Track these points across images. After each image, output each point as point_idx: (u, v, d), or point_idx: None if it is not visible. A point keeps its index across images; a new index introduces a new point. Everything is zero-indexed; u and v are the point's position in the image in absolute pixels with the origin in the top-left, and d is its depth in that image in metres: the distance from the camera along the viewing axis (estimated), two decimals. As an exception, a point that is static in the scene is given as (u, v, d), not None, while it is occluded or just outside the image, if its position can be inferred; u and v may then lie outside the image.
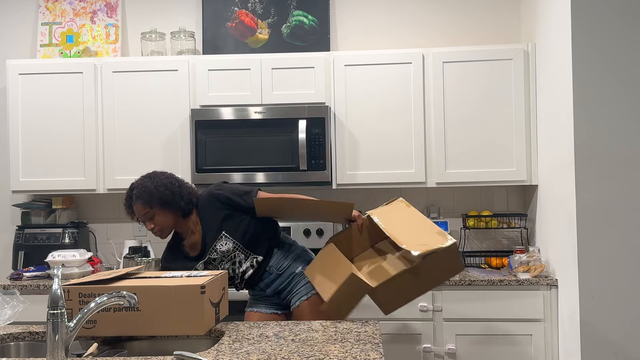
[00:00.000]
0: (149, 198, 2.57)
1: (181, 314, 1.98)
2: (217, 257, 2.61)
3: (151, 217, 2.58)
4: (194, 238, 2.64)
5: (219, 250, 2.60)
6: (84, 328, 1.97)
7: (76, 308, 1.99)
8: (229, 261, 2.62)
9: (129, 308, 1.97)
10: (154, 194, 2.58)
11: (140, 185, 2.61)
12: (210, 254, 2.61)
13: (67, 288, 2.01)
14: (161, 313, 1.98)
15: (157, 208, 2.57)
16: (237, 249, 2.60)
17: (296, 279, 2.64)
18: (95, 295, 1.95)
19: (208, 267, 2.63)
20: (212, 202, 2.63)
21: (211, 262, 2.63)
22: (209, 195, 2.64)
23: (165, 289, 1.99)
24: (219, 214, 2.61)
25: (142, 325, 1.99)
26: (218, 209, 2.61)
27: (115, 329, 2.00)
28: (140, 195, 2.58)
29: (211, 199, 2.63)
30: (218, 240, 2.60)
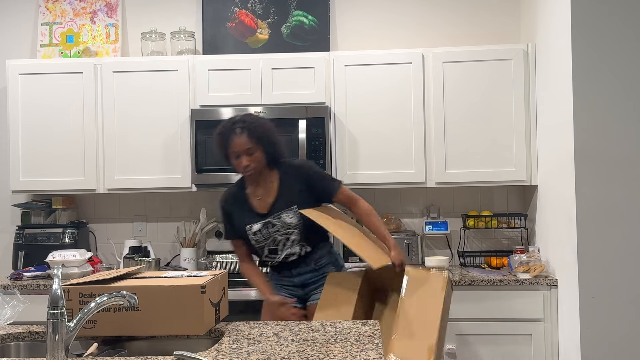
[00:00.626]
0: (260, 133, 2.59)
1: (181, 314, 1.98)
2: (277, 225, 2.62)
3: (252, 153, 2.58)
4: (266, 195, 2.65)
5: (284, 220, 2.61)
6: (84, 328, 1.96)
7: (76, 308, 1.99)
8: (284, 234, 2.63)
9: (129, 308, 1.97)
10: (265, 131, 2.61)
11: (250, 119, 2.62)
12: (274, 218, 2.62)
13: (67, 288, 2.01)
14: (161, 313, 1.98)
15: (261, 145, 2.59)
16: (298, 227, 2.62)
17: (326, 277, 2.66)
18: (95, 295, 1.95)
19: (263, 230, 2.63)
20: (298, 171, 2.67)
21: (270, 225, 2.63)
22: (299, 163, 2.74)
23: (165, 289, 1.99)
24: (298, 186, 2.64)
25: (142, 325, 1.99)
26: (299, 181, 2.64)
27: (115, 329, 2.00)
28: (251, 128, 2.58)
29: (299, 167, 2.69)
30: (288, 210, 2.61)
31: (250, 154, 2.58)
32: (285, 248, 2.65)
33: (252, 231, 2.65)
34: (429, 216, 3.81)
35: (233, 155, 2.61)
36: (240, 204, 2.70)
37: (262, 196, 2.66)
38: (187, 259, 3.72)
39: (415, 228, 3.85)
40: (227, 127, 2.62)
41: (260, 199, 2.67)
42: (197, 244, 3.80)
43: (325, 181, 2.71)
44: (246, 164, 2.58)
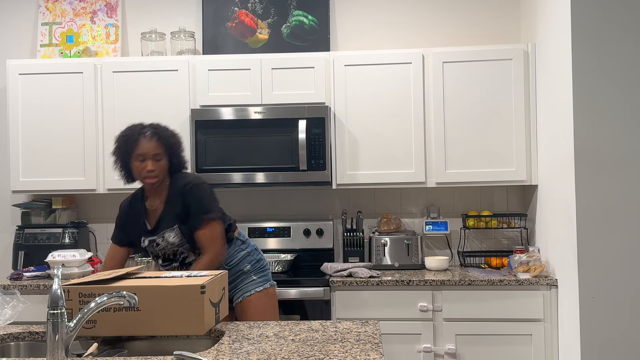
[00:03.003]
0: (170, 142, 2.58)
1: (181, 314, 1.98)
2: (161, 244, 2.60)
3: (159, 159, 2.56)
4: (157, 208, 2.62)
5: (167, 239, 2.58)
6: (84, 328, 1.97)
7: (76, 308, 1.99)
8: (171, 250, 2.61)
9: (129, 308, 1.97)
10: (175, 142, 2.60)
11: (161, 127, 2.61)
12: (159, 237, 2.59)
13: (67, 288, 2.01)
14: (161, 313, 1.98)
15: (168, 154, 2.57)
16: (182, 244, 2.59)
17: (242, 276, 2.67)
18: (95, 295, 1.95)
19: (149, 247, 2.61)
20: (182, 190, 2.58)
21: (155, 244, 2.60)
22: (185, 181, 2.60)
23: (165, 289, 1.99)
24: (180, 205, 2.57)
25: (142, 325, 1.99)
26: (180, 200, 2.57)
27: (115, 329, 2.00)
28: (162, 135, 2.57)
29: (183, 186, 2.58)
30: (170, 230, 2.57)
31: (157, 160, 2.56)
32: (178, 258, 2.64)
33: (144, 245, 2.66)
34: (429, 216, 3.81)
35: (138, 158, 2.55)
36: (137, 215, 2.67)
37: (155, 208, 2.64)
38: (187, 259, 3.71)
39: (415, 228, 3.85)
40: (136, 130, 2.59)
41: (152, 210, 2.64)
42: (197, 244, 3.80)
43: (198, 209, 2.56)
44: (151, 169, 2.54)
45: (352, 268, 3.40)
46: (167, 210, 2.59)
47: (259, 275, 2.71)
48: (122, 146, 2.60)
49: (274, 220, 3.83)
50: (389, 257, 3.61)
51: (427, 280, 3.24)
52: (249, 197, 3.93)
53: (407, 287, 3.24)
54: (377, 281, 3.26)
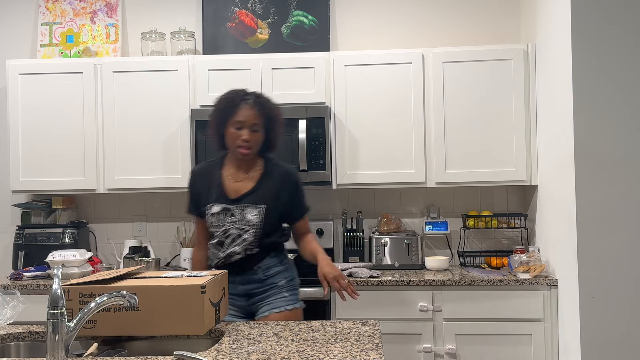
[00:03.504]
0: (271, 116, 2.46)
1: (181, 314, 1.97)
2: (236, 216, 2.45)
3: (255, 130, 2.44)
4: (244, 182, 2.49)
5: (245, 214, 2.45)
6: (84, 328, 1.96)
7: (76, 308, 1.99)
8: (237, 229, 2.45)
9: (129, 308, 1.97)
10: (276, 116, 2.48)
11: (264, 98, 2.49)
12: (237, 208, 2.45)
13: (67, 288, 2.01)
14: (161, 313, 1.98)
15: (266, 128, 2.47)
16: (256, 227, 2.45)
17: (274, 289, 2.51)
18: (95, 295, 1.95)
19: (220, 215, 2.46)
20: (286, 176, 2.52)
21: (229, 214, 2.46)
22: (290, 169, 2.57)
23: (165, 289, 1.99)
24: (278, 189, 2.49)
25: (142, 325, 1.99)
26: (282, 186, 2.50)
27: (115, 329, 2.00)
28: (265, 106, 2.46)
29: (288, 173, 2.54)
30: (255, 207, 2.45)
31: (254, 131, 2.43)
32: (233, 245, 2.46)
33: (211, 212, 2.49)
34: (429, 216, 3.81)
35: (235, 124, 2.43)
36: (212, 181, 2.52)
37: (239, 181, 2.50)
38: (187, 259, 3.71)
39: (415, 228, 3.85)
40: (239, 95, 2.46)
41: (236, 183, 2.49)
42: (197, 244, 3.80)
43: (302, 202, 2.58)
44: (247, 138, 2.42)
45: (352, 268, 3.40)
46: (258, 188, 2.47)
47: (292, 293, 2.55)
48: (222, 109, 2.47)
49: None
50: (389, 257, 3.61)
51: (427, 280, 3.23)
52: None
53: (407, 287, 3.24)
54: (377, 281, 3.26)
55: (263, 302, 2.50)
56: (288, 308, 2.48)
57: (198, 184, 2.57)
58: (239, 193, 2.48)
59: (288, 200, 2.51)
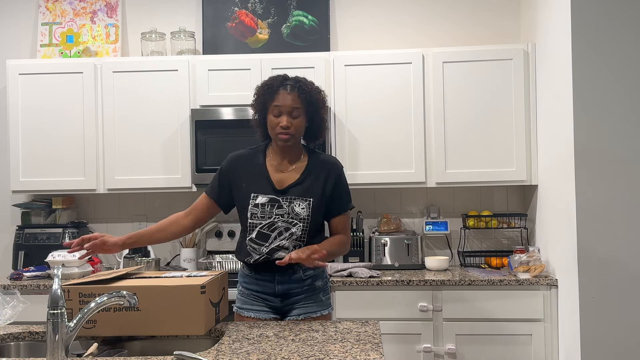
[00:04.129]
0: (312, 99, 2.33)
1: (181, 314, 1.97)
2: (284, 208, 2.32)
3: (296, 116, 2.31)
4: (290, 173, 2.37)
5: (294, 207, 2.32)
6: (84, 328, 1.96)
7: (76, 308, 1.99)
8: (285, 222, 2.32)
9: (129, 308, 1.97)
10: (318, 100, 2.35)
11: (305, 81, 2.37)
12: (285, 200, 2.33)
13: (67, 288, 2.01)
14: (161, 313, 1.98)
15: (308, 112, 2.33)
16: (304, 221, 2.32)
17: (311, 291, 2.38)
18: (95, 295, 1.95)
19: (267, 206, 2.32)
20: (331, 166, 2.41)
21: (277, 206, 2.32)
22: (335, 160, 2.46)
23: (165, 289, 1.99)
24: (323, 181, 2.37)
25: (142, 325, 1.99)
26: (327, 177, 2.38)
27: (115, 329, 2.00)
28: (305, 90, 2.32)
29: (333, 164, 2.42)
30: (303, 199, 2.33)
31: (294, 117, 2.30)
32: (279, 239, 2.32)
33: (255, 202, 2.33)
34: (429, 216, 3.81)
35: (274, 110, 2.32)
36: (255, 170, 2.39)
37: (284, 172, 2.38)
38: (187, 259, 3.72)
39: (415, 228, 3.85)
40: (278, 80, 2.36)
41: (281, 173, 2.37)
42: (197, 244, 3.80)
43: (346, 195, 2.44)
44: (285, 125, 2.29)
45: (352, 268, 3.40)
46: (303, 179, 2.35)
47: (327, 296, 2.44)
48: (261, 96, 2.36)
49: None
50: (389, 257, 3.61)
51: (427, 280, 3.24)
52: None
53: (407, 287, 3.24)
54: (377, 281, 3.26)
55: (298, 304, 2.38)
56: (324, 313, 2.40)
57: (237, 171, 2.41)
58: (284, 184, 2.36)
59: (332, 193, 2.39)
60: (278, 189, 2.35)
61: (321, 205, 2.37)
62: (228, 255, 3.73)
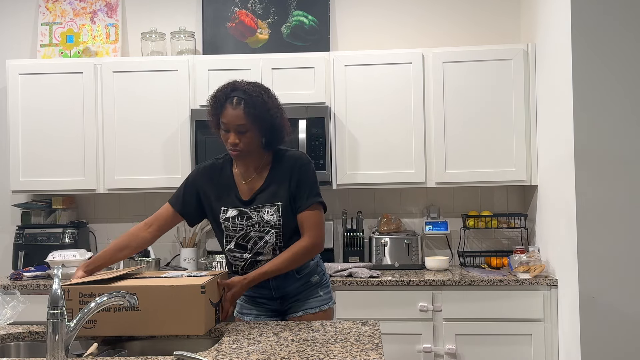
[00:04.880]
0: (259, 112, 2.19)
1: (181, 314, 1.97)
2: (253, 218, 2.27)
3: (243, 132, 2.19)
4: (255, 181, 2.30)
5: (262, 215, 2.26)
6: (84, 328, 1.96)
7: (76, 308, 1.99)
8: (258, 232, 2.27)
9: (129, 308, 1.96)
10: (266, 111, 2.20)
11: (252, 92, 2.22)
12: (252, 211, 2.27)
13: (67, 288, 2.00)
14: (161, 313, 1.98)
15: (257, 126, 2.20)
16: (276, 227, 2.27)
17: (309, 288, 2.35)
18: (95, 295, 1.94)
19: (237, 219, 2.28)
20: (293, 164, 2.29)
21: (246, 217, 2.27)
22: (297, 155, 2.33)
23: (165, 289, 1.99)
24: (288, 180, 2.28)
25: (142, 325, 1.99)
26: (290, 175, 2.28)
27: (115, 329, 2.00)
28: (250, 103, 2.18)
29: (295, 160, 2.30)
30: (270, 205, 2.26)
31: (242, 132, 2.19)
32: (256, 248, 2.29)
33: (226, 216, 2.29)
34: (429, 216, 3.81)
35: (223, 125, 2.23)
36: (223, 182, 2.33)
37: (250, 180, 2.31)
38: (187, 259, 3.72)
39: (415, 228, 3.85)
40: (224, 93, 2.24)
41: (246, 182, 2.31)
42: (197, 244, 3.80)
43: (309, 189, 2.29)
44: (233, 142, 2.20)
45: (352, 268, 3.40)
46: (268, 184, 2.28)
47: (325, 291, 2.39)
48: (212, 109, 2.28)
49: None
50: (389, 257, 3.61)
51: (427, 280, 3.24)
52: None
53: (407, 287, 3.24)
54: (377, 281, 3.26)
55: (297, 302, 2.35)
56: (323, 308, 2.36)
57: (205, 184, 2.36)
58: (251, 193, 2.31)
59: (295, 188, 2.28)
60: (245, 200, 2.30)
61: (290, 206, 2.29)
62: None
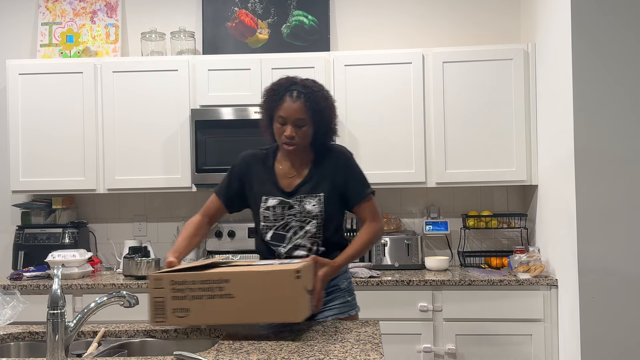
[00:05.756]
0: (319, 107, 2.22)
1: (276, 300, 1.87)
2: (295, 208, 2.27)
3: (301, 126, 2.21)
4: (296, 176, 2.31)
5: (304, 205, 2.26)
6: (177, 317, 1.87)
7: (169, 296, 1.88)
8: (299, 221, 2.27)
9: (222, 295, 1.86)
10: (326, 108, 2.24)
11: (313, 87, 2.25)
12: (295, 200, 2.27)
13: (159, 276, 1.89)
14: (255, 300, 1.87)
15: (315, 121, 2.23)
16: (317, 217, 2.26)
17: (337, 293, 2.33)
18: (188, 283, 1.87)
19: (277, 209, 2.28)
20: (337, 157, 2.32)
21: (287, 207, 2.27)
22: (339, 148, 2.36)
23: (259, 275, 1.89)
24: (331, 173, 2.29)
25: (236, 313, 1.88)
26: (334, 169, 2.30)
27: (208, 318, 1.90)
28: (311, 98, 2.21)
29: (338, 153, 2.33)
30: (313, 196, 2.27)
31: (299, 127, 2.21)
32: (295, 238, 2.28)
33: (266, 205, 2.29)
34: (429, 216, 3.81)
35: (279, 119, 2.23)
36: (265, 172, 2.34)
37: (292, 174, 2.32)
38: (187, 259, 3.71)
39: (415, 228, 3.85)
40: (283, 86, 2.26)
41: (289, 175, 2.32)
42: (197, 244, 3.80)
43: (359, 182, 2.34)
44: (290, 135, 2.21)
45: (352, 268, 3.39)
46: (311, 177, 2.29)
47: (352, 296, 2.39)
48: (267, 101, 2.29)
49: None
50: (389, 257, 3.61)
51: (427, 280, 3.24)
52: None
53: (407, 287, 3.24)
54: (377, 281, 3.26)
55: (326, 305, 2.30)
56: (352, 313, 2.36)
57: (250, 171, 2.36)
58: (292, 185, 2.31)
59: (343, 183, 2.30)
60: (287, 191, 2.30)
61: (333, 199, 2.30)
62: (228, 255, 3.72)
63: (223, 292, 1.83)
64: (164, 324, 1.89)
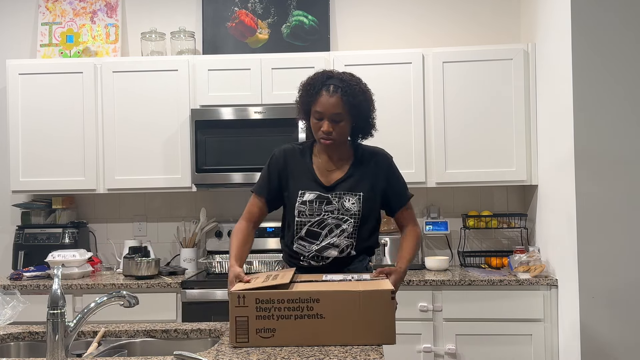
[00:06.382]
0: (357, 101, 2.18)
1: (370, 321, 1.81)
2: (334, 204, 2.21)
3: (338, 121, 2.17)
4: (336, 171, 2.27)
5: (343, 202, 2.21)
6: (262, 337, 1.81)
7: (252, 315, 1.81)
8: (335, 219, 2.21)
9: (312, 315, 1.81)
10: (364, 101, 2.21)
11: (350, 81, 2.21)
12: (334, 196, 2.22)
13: (242, 294, 1.82)
14: (347, 321, 1.81)
15: (352, 116, 2.19)
16: (355, 216, 2.22)
17: None
18: (275, 302, 1.80)
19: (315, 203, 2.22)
20: (379, 159, 2.31)
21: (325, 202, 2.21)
22: (381, 151, 2.36)
23: (351, 294, 1.81)
24: (371, 174, 2.27)
25: (327, 334, 1.82)
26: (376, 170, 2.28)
27: (296, 339, 1.82)
28: (348, 92, 2.16)
29: (381, 155, 2.32)
30: (352, 194, 2.23)
31: (336, 122, 2.17)
32: (330, 236, 2.21)
33: (302, 199, 2.23)
34: (429, 216, 3.81)
35: (316, 114, 2.19)
36: (302, 166, 2.28)
37: (331, 169, 2.27)
38: (187, 259, 3.72)
39: (415, 228, 3.84)
40: (320, 80, 2.22)
41: (327, 171, 2.27)
42: (197, 244, 3.80)
43: (402, 187, 2.33)
44: (327, 130, 2.16)
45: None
46: (350, 175, 2.25)
47: None
48: (304, 96, 2.24)
49: (274, 221, 3.81)
50: (389, 257, 3.61)
51: (427, 280, 3.23)
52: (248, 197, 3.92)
53: (407, 287, 3.24)
54: (377, 281, 3.26)
55: None
56: None
57: (287, 165, 2.30)
58: (331, 181, 2.26)
59: (386, 187, 2.29)
60: (326, 186, 2.25)
61: (372, 199, 2.26)
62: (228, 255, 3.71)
63: (313, 312, 1.79)
64: (247, 344, 1.81)
